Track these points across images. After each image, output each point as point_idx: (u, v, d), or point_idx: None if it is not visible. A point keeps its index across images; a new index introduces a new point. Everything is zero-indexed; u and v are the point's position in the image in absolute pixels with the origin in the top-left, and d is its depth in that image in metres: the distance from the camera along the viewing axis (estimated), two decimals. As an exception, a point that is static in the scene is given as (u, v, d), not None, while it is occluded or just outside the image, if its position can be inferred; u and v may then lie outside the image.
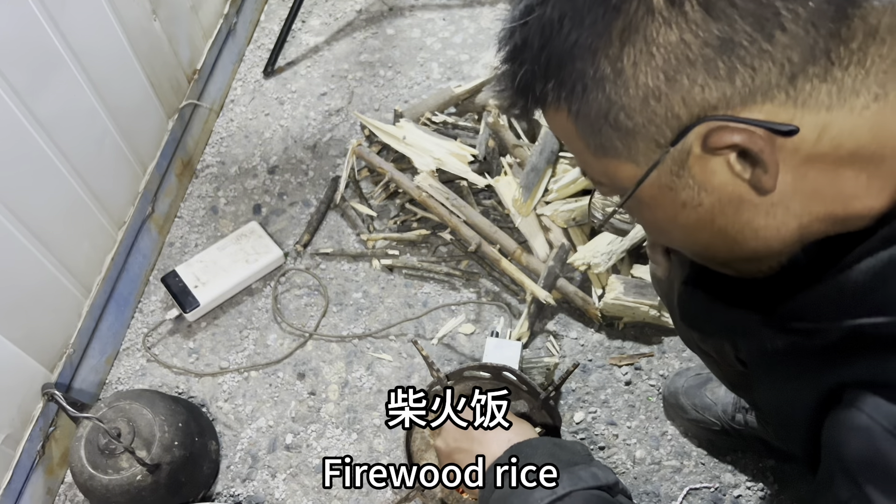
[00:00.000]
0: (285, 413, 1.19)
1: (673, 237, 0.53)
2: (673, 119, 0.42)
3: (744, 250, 0.49)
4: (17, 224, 0.99)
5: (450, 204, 1.26)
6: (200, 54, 1.49)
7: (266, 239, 1.33)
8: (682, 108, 0.41)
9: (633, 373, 1.19)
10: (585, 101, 0.44)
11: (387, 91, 1.59)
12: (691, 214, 0.47)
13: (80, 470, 1.00)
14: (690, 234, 0.50)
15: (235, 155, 1.52)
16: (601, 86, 0.42)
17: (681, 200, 0.46)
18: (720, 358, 0.82)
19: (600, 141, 0.46)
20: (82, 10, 1.08)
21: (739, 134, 0.41)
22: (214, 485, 1.13)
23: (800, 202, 0.44)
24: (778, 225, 0.46)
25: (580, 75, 0.43)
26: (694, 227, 0.48)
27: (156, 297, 1.33)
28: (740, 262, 0.52)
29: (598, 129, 0.45)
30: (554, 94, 0.45)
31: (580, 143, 0.47)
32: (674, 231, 0.51)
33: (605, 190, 0.52)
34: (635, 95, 0.42)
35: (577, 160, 0.51)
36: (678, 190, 0.46)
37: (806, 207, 0.44)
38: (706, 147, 0.42)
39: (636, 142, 0.44)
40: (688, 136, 0.42)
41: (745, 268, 0.52)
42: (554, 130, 0.50)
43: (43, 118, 1.01)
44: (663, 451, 1.12)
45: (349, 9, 1.77)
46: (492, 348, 1.13)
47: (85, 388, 1.18)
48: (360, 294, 1.30)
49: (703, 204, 0.46)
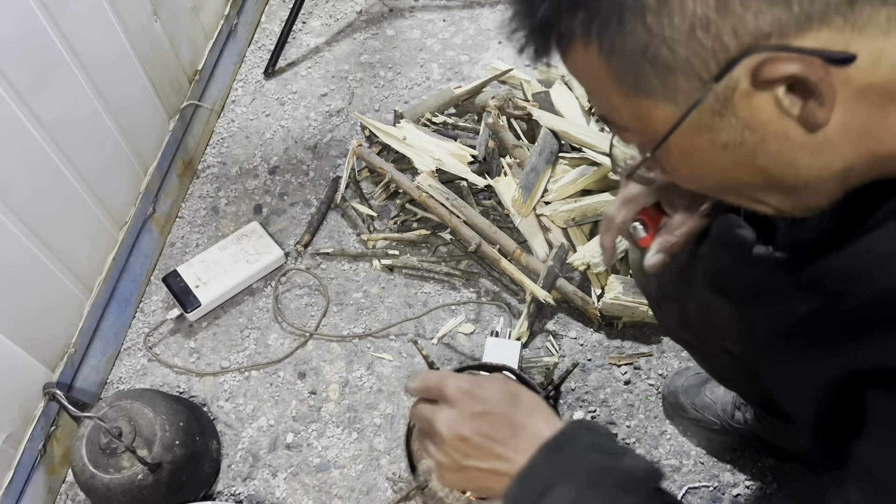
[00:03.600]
0: (286, 412, 1.19)
1: (707, 183, 0.49)
2: (721, 51, 0.38)
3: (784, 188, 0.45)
4: (18, 224, 0.99)
5: (450, 204, 1.26)
6: (201, 55, 1.50)
7: (267, 239, 1.33)
8: (732, 39, 0.38)
9: (633, 372, 1.19)
10: (621, 35, 0.39)
11: (387, 92, 1.60)
12: (731, 155, 0.43)
13: (82, 469, 1.00)
14: (727, 176, 0.46)
15: (236, 155, 1.52)
16: (641, 16, 0.38)
17: (721, 142, 0.43)
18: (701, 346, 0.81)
19: (635, 79, 0.42)
20: (83, 11, 1.09)
21: (796, 63, 0.37)
22: (215, 484, 1.13)
23: (847, 140, 0.41)
24: (821, 166, 0.42)
25: (616, 6, 0.39)
26: (732, 168, 0.45)
27: (157, 296, 1.33)
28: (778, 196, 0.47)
29: (633, 67, 0.41)
30: (583, 30, 0.41)
31: (609, 83, 0.43)
32: (709, 177, 0.47)
33: (632, 137, 0.48)
34: (680, 26, 0.38)
35: (601, 106, 0.46)
36: (718, 130, 0.42)
37: (853, 146, 0.41)
38: (756, 81, 0.39)
39: (676, 78, 0.40)
40: (735, 70, 0.38)
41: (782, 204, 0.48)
42: (576, 73, 0.46)
43: (44, 119, 1.02)
44: (662, 451, 1.12)
45: (349, 10, 1.78)
46: (491, 348, 1.13)
47: (86, 387, 1.19)
48: (360, 294, 1.31)
49: (745, 143, 0.42)
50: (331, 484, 1.12)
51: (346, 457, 1.14)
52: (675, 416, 1.13)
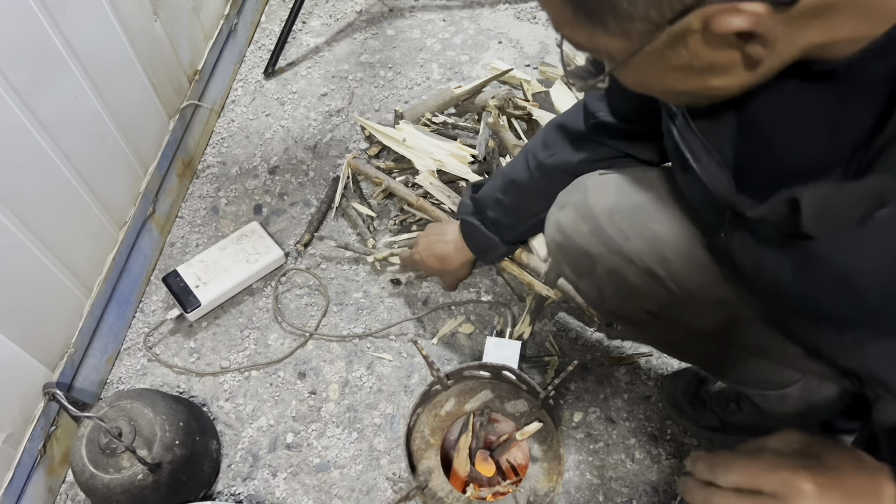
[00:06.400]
0: (286, 412, 1.19)
1: (650, 91, 0.53)
2: (677, 2, 0.41)
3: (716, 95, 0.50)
4: (18, 224, 0.99)
5: (450, 203, 1.26)
6: (201, 55, 1.50)
7: (267, 239, 1.33)
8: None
9: (633, 372, 1.19)
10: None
11: (387, 91, 1.60)
12: (677, 74, 0.47)
13: (82, 469, 1.00)
14: (673, 88, 0.50)
15: (236, 155, 1.52)
16: None
17: (670, 66, 0.46)
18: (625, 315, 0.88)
19: (592, 19, 0.44)
20: (83, 12, 1.09)
21: (743, 18, 0.40)
22: (215, 484, 1.13)
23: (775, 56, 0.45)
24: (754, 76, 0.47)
25: None
26: (675, 82, 0.49)
27: (157, 296, 1.33)
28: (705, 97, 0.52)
29: (593, 11, 0.44)
30: None
31: (567, 14, 0.46)
32: (654, 86, 0.51)
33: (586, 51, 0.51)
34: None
35: (557, 26, 0.49)
36: (669, 58, 0.46)
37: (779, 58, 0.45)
38: (707, 29, 0.42)
39: (634, 23, 0.43)
40: (689, 16, 0.41)
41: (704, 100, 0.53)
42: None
43: (44, 119, 1.02)
44: (662, 450, 1.12)
45: (349, 10, 1.78)
46: (492, 348, 1.13)
47: (86, 387, 1.19)
48: (360, 294, 1.31)
49: (692, 67, 0.46)
50: (331, 484, 1.12)
51: (346, 457, 1.14)
52: (675, 415, 1.13)
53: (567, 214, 0.84)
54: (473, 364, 1.05)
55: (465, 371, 1.06)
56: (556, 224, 0.86)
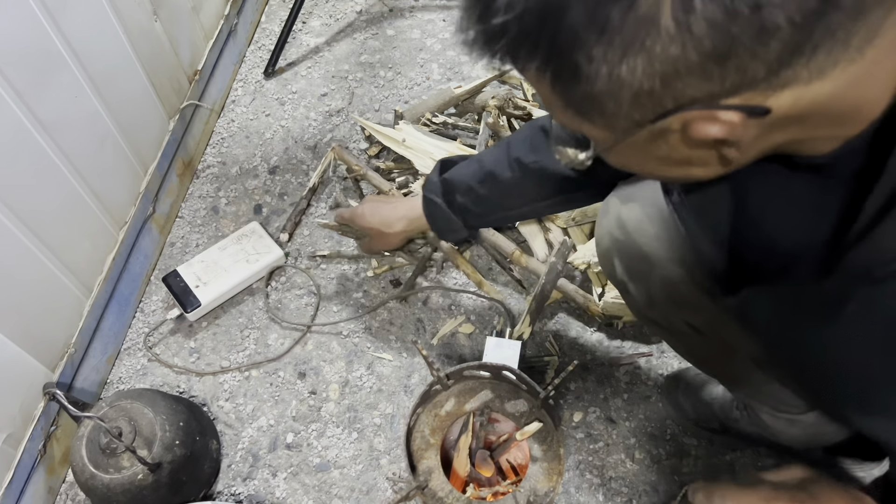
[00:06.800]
0: (286, 412, 1.19)
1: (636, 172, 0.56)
2: (658, 107, 0.43)
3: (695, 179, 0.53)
4: (18, 224, 0.99)
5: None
6: (201, 55, 1.50)
7: (267, 239, 1.33)
8: (670, 101, 0.42)
9: (633, 372, 1.19)
10: (572, 84, 0.43)
11: (387, 92, 1.60)
12: (660, 164, 0.50)
13: (82, 469, 1.00)
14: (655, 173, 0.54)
15: (236, 155, 1.52)
16: (592, 82, 0.42)
17: (651, 156, 0.49)
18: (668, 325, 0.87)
19: (578, 110, 0.46)
20: (83, 11, 1.09)
21: (719, 127, 0.43)
22: (215, 484, 1.13)
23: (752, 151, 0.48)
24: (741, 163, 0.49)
25: (573, 68, 0.42)
26: (659, 170, 0.52)
27: (157, 296, 1.33)
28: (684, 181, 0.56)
29: (579, 104, 0.45)
30: (538, 71, 0.44)
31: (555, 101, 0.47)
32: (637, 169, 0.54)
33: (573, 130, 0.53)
34: (627, 94, 0.42)
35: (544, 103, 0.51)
36: (650, 150, 0.48)
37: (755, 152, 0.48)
38: (685, 132, 0.44)
39: (618, 120, 0.45)
40: (668, 119, 0.43)
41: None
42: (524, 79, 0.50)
43: (44, 119, 1.02)
44: (662, 450, 1.12)
45: (349, 10, 1.78)
46: (492, 348, 1.13)
47: (86, 387, 1.19)
48: (360, 294, 1.31)
49: (672, 158, 0.49)
50: (331, 484, 1.12)
51: (346, 457, 1.15)
52: (675, 415, 1.13)
53: (632, 211, 0.80)
54: (473, 364, 1.05)
55: (465, 371, 1.06)
56: (617, 219, 0.82)
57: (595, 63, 0.41)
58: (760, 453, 1.10)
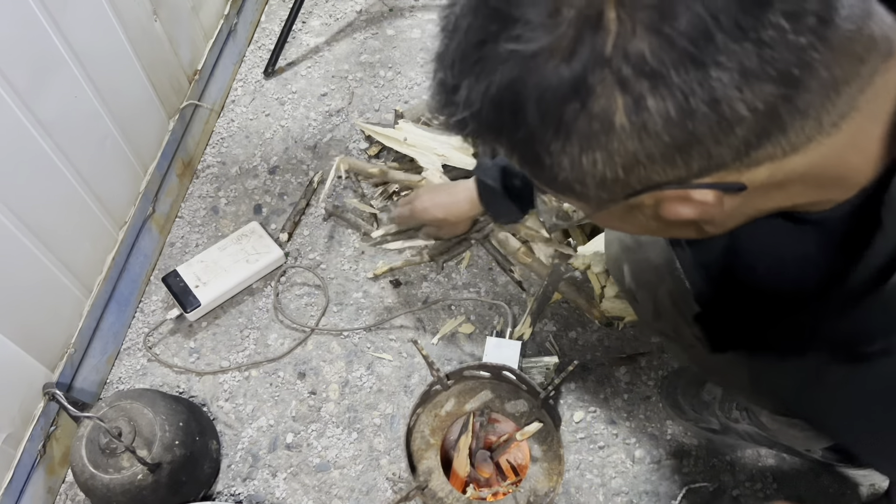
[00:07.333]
0: (286, 412, 1.19)
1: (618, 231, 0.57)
2: (627, 188, 0.43)
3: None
4: (18, 224, 0.99)
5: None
6: (201, 55, 1.50)
7: (267, 239, 1.33)
8: (637, 184, 0.42)
9: (633, 372, 1.19)
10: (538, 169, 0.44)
11: (387, 91, 1.60)
12: (643, 228, 0.50)
13: (81, 469, 1.00)
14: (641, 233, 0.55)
15: (236, 155, 1.52)
16: (556, 171, 0.42)
17: (631, 222, 0.49)
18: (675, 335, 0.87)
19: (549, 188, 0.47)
20: (83, 11, 1.09)
21: (691, 208, 0.43)
22: (215, 484, 1.13)
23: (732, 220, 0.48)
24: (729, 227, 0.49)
25: (535, 158, 0.43)
26: (643, 231, 0.52)
27: (157, 296, 1.33)
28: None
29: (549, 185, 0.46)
30: (505, 152, 0.45)
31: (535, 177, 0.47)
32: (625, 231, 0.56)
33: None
34: (591, 181, 0.42)
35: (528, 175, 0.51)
36: (629, 220, 0.49)
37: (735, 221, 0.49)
38: (657, 209, 0.45)
39: (588, 198, 0.45)
40: (640, 196, 0.43)
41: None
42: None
43: (44, 118, 1.02)
44: (662, 451, 1.12)
45: (349, 9, 1.78)
46: (492, 348, 1.13)
47: (86, 387, 1.19)
48: (360, 294, 1.31)
49: (650, 226, 0.49)
50: (331, 484, 1.12)
51: (346, 457, 1.14)
52: (675, 416, 1.13)
53: None
54: (473, 364, 1.05)
55: (465, 371, 1.06)
56: None
57: (555, 156, 0.41)
58: (760, 453, 1.10)
